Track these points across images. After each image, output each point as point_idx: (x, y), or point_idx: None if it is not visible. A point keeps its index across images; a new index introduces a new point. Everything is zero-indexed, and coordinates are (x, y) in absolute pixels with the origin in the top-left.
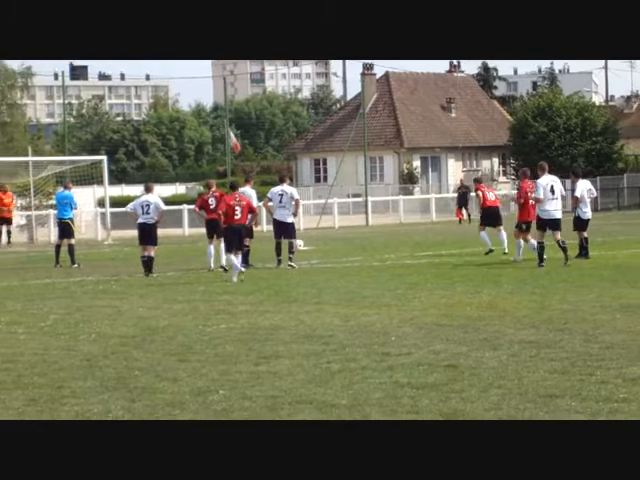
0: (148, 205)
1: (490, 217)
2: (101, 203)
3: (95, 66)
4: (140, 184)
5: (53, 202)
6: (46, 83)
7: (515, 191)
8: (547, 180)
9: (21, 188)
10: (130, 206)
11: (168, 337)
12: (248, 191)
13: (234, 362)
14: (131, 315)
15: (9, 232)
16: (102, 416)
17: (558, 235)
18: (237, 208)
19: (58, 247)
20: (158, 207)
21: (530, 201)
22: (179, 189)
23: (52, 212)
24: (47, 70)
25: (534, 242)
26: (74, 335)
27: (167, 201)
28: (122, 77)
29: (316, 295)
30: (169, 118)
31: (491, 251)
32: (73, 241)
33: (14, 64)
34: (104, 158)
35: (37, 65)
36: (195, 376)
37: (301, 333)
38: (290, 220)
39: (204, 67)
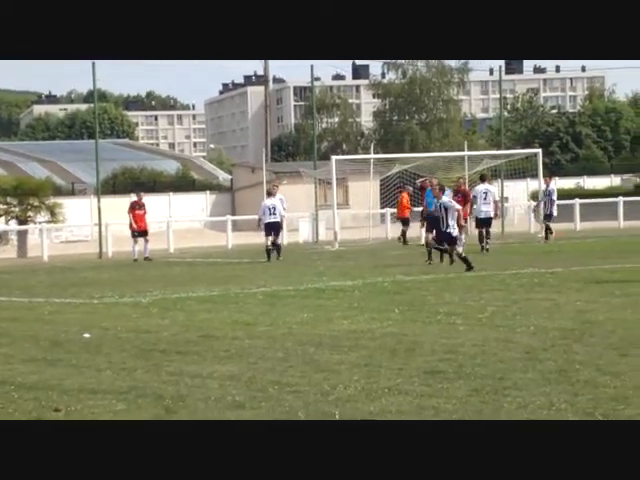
0: None
1: None
2: (534, 196)
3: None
4: (573, 177)
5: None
6: (481, 78)
7: None
8: None
9: (455, 182)
10: None
11: (608, 331)
12: None
13: None
14: (569, 308)
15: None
16: (545, 408)
17: None
18: None
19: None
20: None
21: None
22: (614, 181)
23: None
24: (483, 66)
25: None
26: (512, 327)
27: (601, 194)
28: (557, 69)
29: None
30: (604, 109)
31: None
32: None
33: (451, 61)
34: (539, 151)
35: (474, 61)
36: (638, 371)
37: None
38: None
39: None
